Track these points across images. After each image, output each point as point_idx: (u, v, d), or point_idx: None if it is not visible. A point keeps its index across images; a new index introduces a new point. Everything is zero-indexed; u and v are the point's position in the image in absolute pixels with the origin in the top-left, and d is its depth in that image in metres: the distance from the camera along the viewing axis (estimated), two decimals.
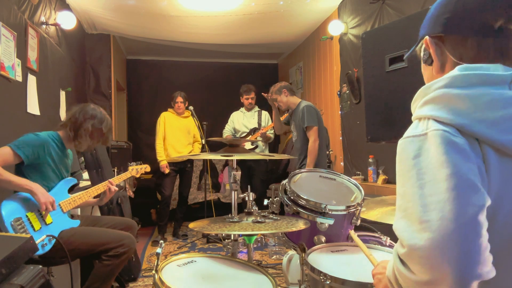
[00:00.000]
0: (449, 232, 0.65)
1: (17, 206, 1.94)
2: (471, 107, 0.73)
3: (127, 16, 4.56)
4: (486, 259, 0.66)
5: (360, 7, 3.99)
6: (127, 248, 2.14)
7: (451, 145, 0.70)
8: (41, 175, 2.12)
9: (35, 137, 2.09)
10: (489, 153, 0.72)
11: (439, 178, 0.69)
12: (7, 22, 2.67)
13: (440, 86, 0.77)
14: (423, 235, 0.67)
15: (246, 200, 1.76)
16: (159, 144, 4.56)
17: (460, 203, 0.66)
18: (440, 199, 0.67)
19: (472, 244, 0.65)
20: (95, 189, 2.32)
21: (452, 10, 0.82)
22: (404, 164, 0.75)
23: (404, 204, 0.73)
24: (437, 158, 0.70)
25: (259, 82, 6.65)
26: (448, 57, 0.84)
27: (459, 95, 0.74)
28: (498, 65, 0.77)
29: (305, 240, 1.78)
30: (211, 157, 2.40)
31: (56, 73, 3.72)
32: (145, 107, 6.77)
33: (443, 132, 0.71)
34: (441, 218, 0.66)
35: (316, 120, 3.45)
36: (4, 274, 1.23)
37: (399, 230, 0.73)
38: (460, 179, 0.67)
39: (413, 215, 0.70)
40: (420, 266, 0.68)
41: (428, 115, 0.76)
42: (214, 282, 1.41)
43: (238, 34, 5.20)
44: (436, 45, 0.85)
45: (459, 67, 0.78)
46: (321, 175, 2.06)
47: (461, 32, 0.81)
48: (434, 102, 0.76)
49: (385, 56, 2.45)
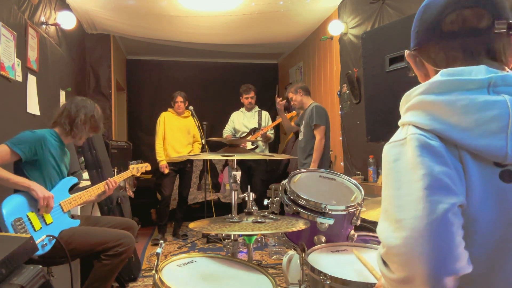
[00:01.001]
0: (420, 229, 0.67)
1: (18, 206, 1.94)
2: (446, 113, 0.74)
3: (127, 16, 4.56)
4: (459, 254, 0.68)
5: (360, 7, 3.99)
6: (126, 247, 2.14)
7: (426, 148, 0.72)
8: (42, 173, 2.12)
9: (31, 133, 2.09)
10: (466, 158, 0.73)
11: (414, 178, 0.71)
12: (7, 22, 2.67)
13: (419, 92, 0.80)
14: (398, 234, 0.70)
15: (246, 200, 1.76)
16: (158, 144, 4.56)
17: (431, 201, 0.68)
18: (413, 198, 0.70)
19: (443, 240, 0.67)
20: (95, 188, 2.33)
21: (419, 22, 0.88)
22: (385, 168, 0.78)
23: (385, 207, 0.76)
24: (412, 160, 0.72)
25: (259, 82, 6.66)
26: (428, 67, 0.89)
27: (435, 101, 0.76)
28: (481, 67, 0.78)
29: (305, 240, 1.78)
30: (211, 157, 2.40)
31: (56, 73, 3.72)
32: (145, 107, 6.77)
33: (420, 135, 0.74)
34: (413, 216, 0.68)
35: (324, 120, 3.59)
36: (4, 274, 1.23)
37: (379, 232, 0.76)
38: (432, 179, 0.69)
39: (391, 216, 0.73)
40: (396, 264, 0.71)
41: (409, 121, 0.78)
42: (214, 282, 1.41)
43: (238, 34, 5.20)
44: (414, 58, 0.91)
45: (441, 72, 0.80)
46: (321, 175, 2.06)
47: (428, 41, 0.86)
48: (414, 109, 0.79)
49: (385, 56, 2.45)
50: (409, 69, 0.97)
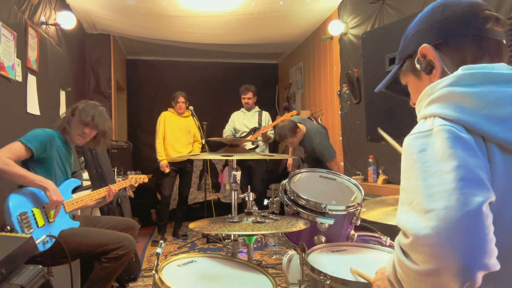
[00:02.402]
0: (455, 220, 0.65)
1: (24, 200, 1.96)
2: (477, 105, 0.73)
3: (127, 16, 4.56)
4: (492, 250, 0.66)
5: (360, 7, 3.99)
6: (126, 250, 2.14)
7: (458, 140, 0.71)
8: (47, 171, 2.13)
9: (42, 131, 2.13)
10: (494, 151, 0.72)
11: (445, 169, 0.69)
12: (7, 22, 2.67)
13: (446, 84, 0.77)
14: (428, 223, 0.67)
15: (246, 200, 1.76)
16: (159, 144, 4.56)
17: (466, 193, 0.66)
18: (446, 188, 0.68)
19: (478, 234, 0.65)
20: (96, 193, 2.35)
21: (442, 17, 0.85)
22: (409, 159, 0.76)
23: (408, 198, 0.73)
24: (443, 151, 0.70)
25: (259, 82, 6.66)
26: (447, 63, 0.85)
27: (465, 93, 0.74)
28: (502, 64, 0.79)
29: (305, 240, 1.78)
30: (211, 157, 2.40)
31: (56, 73, 3.72)
32: (145, 107, 6.77)
33: (450, 127, 0.72)
34: (446, 207, 0.66)
35: (332, 149, 3.55)
36: (4, 274, 1.23)
37: (403, 222, 0.72)
38: (467, 172, 0.68)
39: (418, 205, 0.70)
40: (424, 255, 0.67)
41: (434, 113, 0.76)
42: (214, 282, 1.41)
43: (238, 34, 5.20)
44: (437, 51, 0.86)
45: (462, 67, 0.79)
46: (321, 175, 2.06)
47: (459, 36, 0.83)
48: (440, 101, 0.77)
49: (385, 56, 2.45)
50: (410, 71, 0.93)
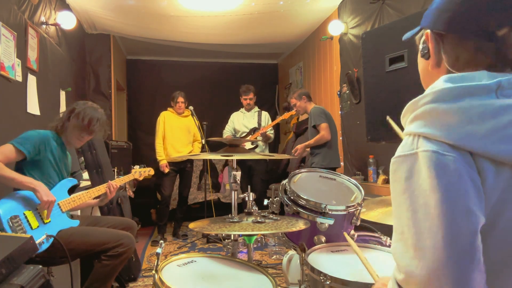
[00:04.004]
0: (442, 261, 0.65)
1: (14, 204, 1.94)
2: (460, 122, 0.71)
3: (127, 16, 4.56)
4: (481, 280, 0.66)
5: (360, 7, 3.99)
6: (126, 247, 2.14)
7: (441, 167, 0.68)
8: (41, 172, 2.12)
9: (36, 133, 2.12)
10: (484, 165, 0.70)
11: (430, 203, 0.68)
12: (7, 22, 2.67)
13: (427, 101, 0.75)
14: (419, 263, 0.67)
15: (246, 200, 1.76)
16: (158, 144, 4.56)
17: (451, 231, 0.65)
18: (432, 225, 0.67)
19: (466, 273, 0.65)
20: (95, 190, 2.33)
21: (457, 8, 0.79)
22: (397, 185, 0.75)
23: (399, 227, 0.73)
24: (427, 182, 0.69)
25: (259, 82, 6.66)
26: (443, 56, 0.83)
27: (447, 109, 0.72)
28: (483, 72, 0.75)
29: (305, 240, 1.78)
30: (211, 157, 2.40)
31: (56, 73, 3.72)
32: (145, 107, 6.77)
33: (432, 153, 0.70)
34: (433, 246, 0.66)
35: (324, 118, 3.66)
36: (4, 274, 1.23)
37: (396, 255, 0.73)
38: (451, 205, 0.66)
39: (408, 240, 0.70)
40: None
41: (418, 132, 0.74)
42: (214, 282, 1.41)
43: (238, 34, 5.20)
44: (436, 41, 0.83)
45: (444, 78, 0.76)
46: (321, 175, 2.06)
47: (463, 32, 0.79)
48: (423, 118, 0.75)
49: (385, 56, 2.45)
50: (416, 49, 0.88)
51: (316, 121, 3.65)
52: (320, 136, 3.62)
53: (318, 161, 3.63)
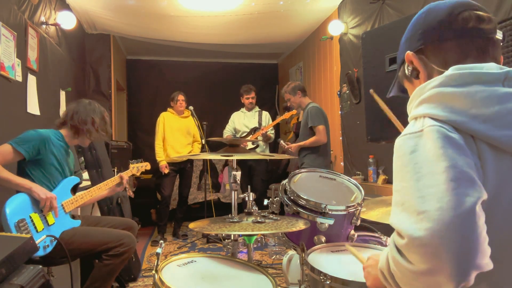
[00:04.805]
0: (448, 221, 0.65)
1: (21, 206, 1.94)
2: (466, 104, 0.74)
3: (127, 16, 4.56)
4: (485, 250, 0.67)
5: (360, 7, 3.99)
6: (127, 247, 2.15)
7: (448, 140, 0.72)
8: (44, 172, 2.12)
9: (35, 133, 2.10)
10: (484, 150, 0.73)
11: (437, 170, 0.70)
12: (7, 22, 2.67)
13: (435, 85, 0.79)
14: (421, 225, 0.67)
15: (246, 200, 1.76)
16: (158, 145, 4.56)
17: (458, 194, 0.67)
18: (438, 190, 0.68)
19: (471, 234, 0.66)
20: (97, 188, 2.33)
21: (424, 24, 0.88)
22: (400, 160, 0.77)
23: (401, 199, 0.74)
24: (434, 152, 0.71)
25: (259, 82, 6.66)
26: (432, 67, 0.87)
27: (454, 93, 0.76)
28: (491, 64, 0.79)
29: (305, 240, 1.78)
30: (211, 157, 2.40)
31: (56, 73, 3.72)
32: (145, 107, 6.77)
33: (439, 127, 0.73)
34: (439, 208, 0.67)
35: (322, 120, 3.58)
36: (4, 274, 1.23)
37: (397, 223, 0.73)
38: (458, 172, 0.69)
39: (411, 207, 0.71)
40: (419, 255, 0.68)
41: (424, 113, 0.78)
42: (214, 282, 1.41)
43: (238, 34, 5.20)
44: (419, 57, 0.89)
45: (452, 67, 0.80)
46: (321, 175, 2.06)
47: (438, 39, 0.86)
48: (430, 101, 0.79)
49: (385, 56, 2.44)
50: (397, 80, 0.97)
51: (314, 122, 3.56)
52: (317, 139, 3.55)
53: (308, 162, 3.59)
